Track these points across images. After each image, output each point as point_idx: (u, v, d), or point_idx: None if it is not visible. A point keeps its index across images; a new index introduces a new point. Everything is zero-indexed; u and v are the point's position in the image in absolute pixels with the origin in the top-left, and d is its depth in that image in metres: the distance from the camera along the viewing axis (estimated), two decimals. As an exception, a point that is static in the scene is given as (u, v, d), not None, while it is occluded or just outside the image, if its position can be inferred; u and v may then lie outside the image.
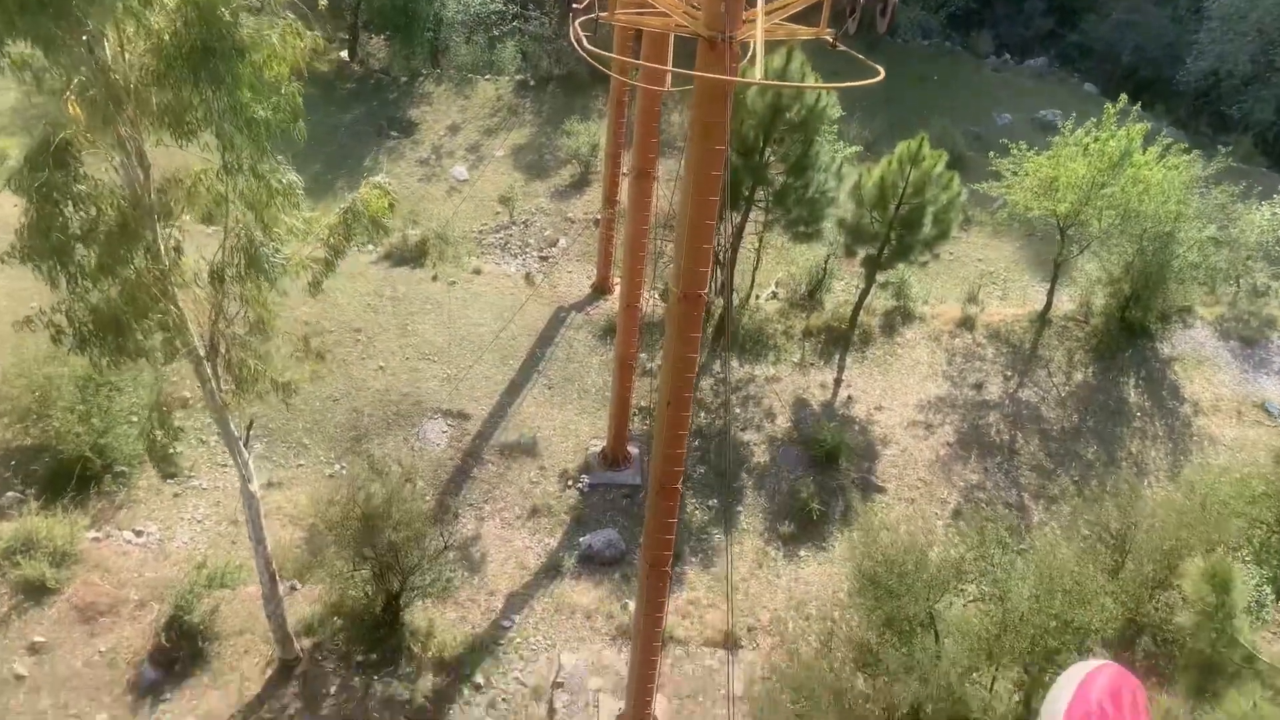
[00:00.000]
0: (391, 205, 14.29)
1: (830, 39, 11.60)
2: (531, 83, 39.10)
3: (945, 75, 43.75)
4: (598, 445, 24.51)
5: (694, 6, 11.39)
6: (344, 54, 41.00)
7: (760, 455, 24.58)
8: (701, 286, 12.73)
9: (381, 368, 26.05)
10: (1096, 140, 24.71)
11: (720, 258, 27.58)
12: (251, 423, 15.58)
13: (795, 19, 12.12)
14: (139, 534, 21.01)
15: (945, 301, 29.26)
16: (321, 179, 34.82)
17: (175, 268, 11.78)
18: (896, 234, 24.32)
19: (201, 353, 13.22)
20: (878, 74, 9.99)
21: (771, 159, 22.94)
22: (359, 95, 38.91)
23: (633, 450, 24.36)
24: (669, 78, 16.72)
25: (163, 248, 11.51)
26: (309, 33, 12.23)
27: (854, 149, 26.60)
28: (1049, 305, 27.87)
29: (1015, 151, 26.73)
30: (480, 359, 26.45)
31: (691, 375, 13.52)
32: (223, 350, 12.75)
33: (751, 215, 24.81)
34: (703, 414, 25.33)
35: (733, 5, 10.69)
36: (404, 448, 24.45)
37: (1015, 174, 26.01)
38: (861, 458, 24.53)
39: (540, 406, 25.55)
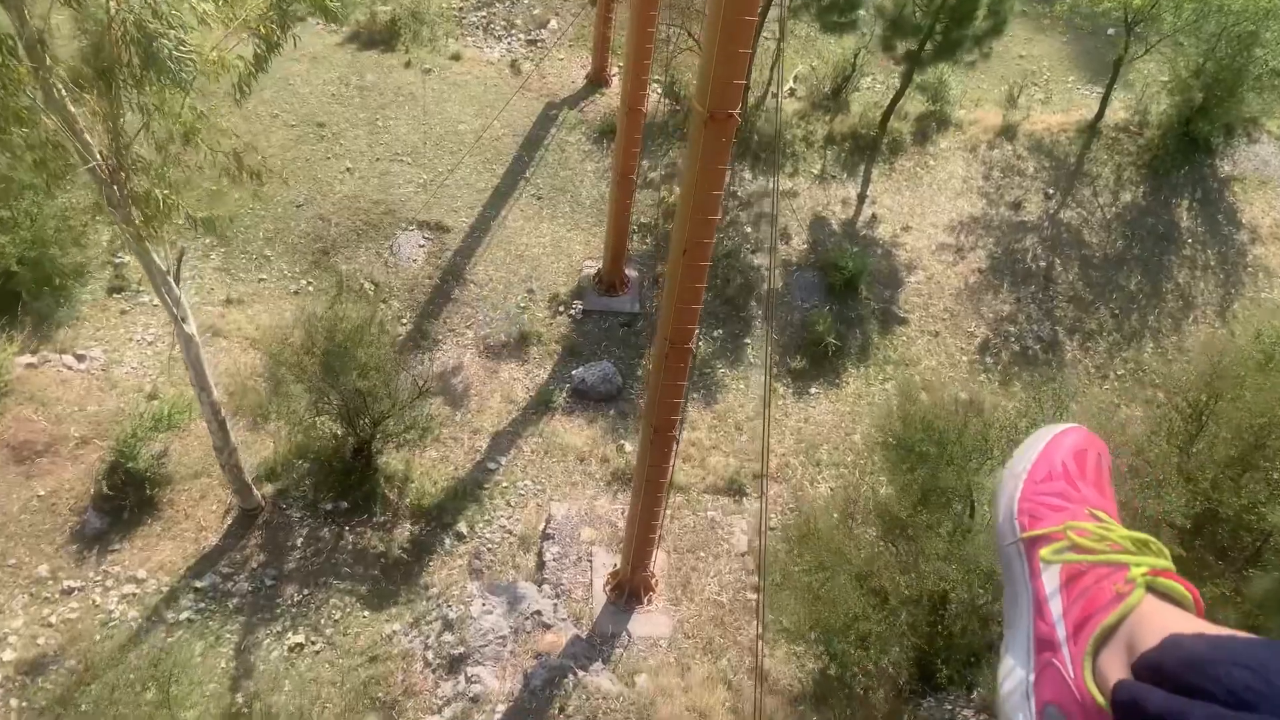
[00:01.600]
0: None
1: None
2: None
3: None
4: (592, 267, 22.04)
5: None
6: None
7: (772, 281, 22.21)
8: (734, 104, 9.93)
9: (349, 169, 23.10)
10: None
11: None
12: (183, 254, 12.99)
13: None
14: (80, 359, 18.82)
15: (981, 104, 26.00)
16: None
17: (43, 66, 8.88)
18: (943, 26, 20.90)
19: (105, 174, 10.49)
20: None
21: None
22: None
23: (631, 274, 21.94)
24: None
25: (18, 40, 8.57)
26: None
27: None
28: (1101, 113, 24.73)
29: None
30: (460, 162, 23.46)
31: (715, 216, 10.95)
32: (124, 177, 10.03)
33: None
34: (709, 231, 22.71)
35: None
36: (376, 263, 21.96)
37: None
38: (884, 285, 22.20)
39: (528, 220, 22.86)
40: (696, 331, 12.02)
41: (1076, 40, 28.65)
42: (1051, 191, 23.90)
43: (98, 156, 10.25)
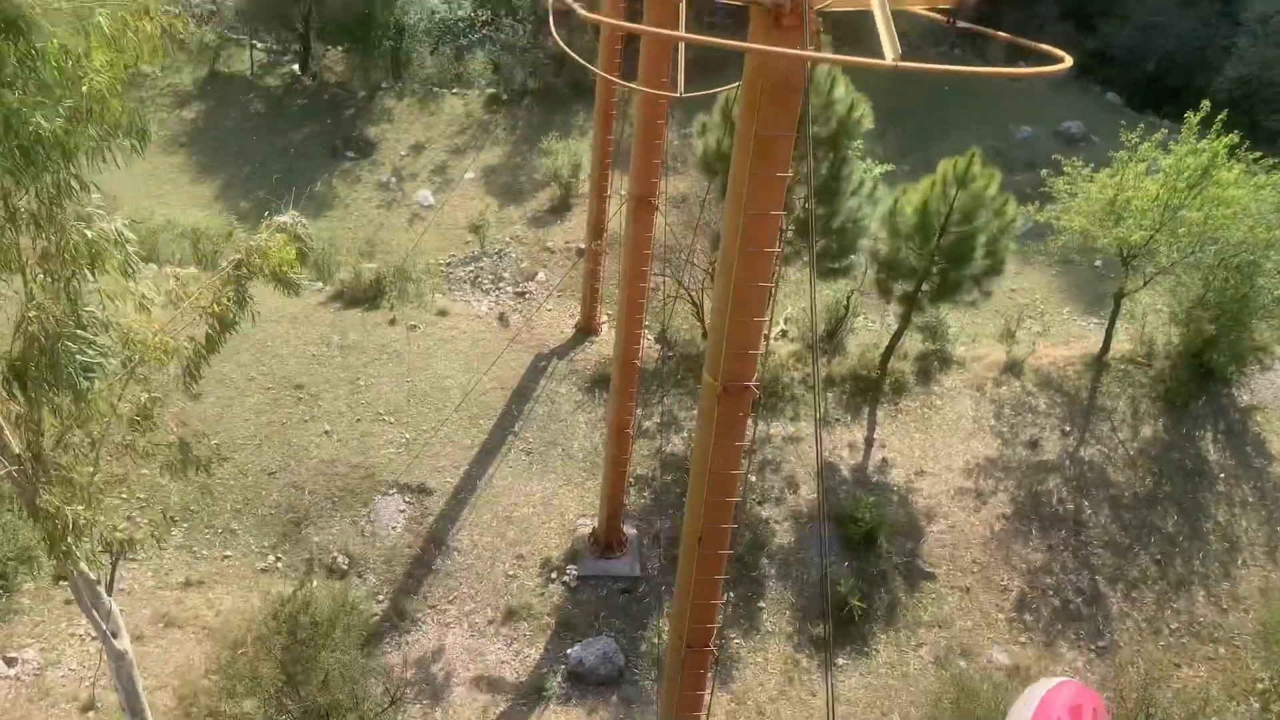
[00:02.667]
0: (302, 254, 10.21)
1: (944, 15, 7.70)
2: (504, 97, 35.06)
3: (956, 85, 40.11)
4: (586, 525, 20.36)
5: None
6: (295, 68, 36.83)
7: (783, 535, 20.50)
8: (749, 375, 8.71)
9: (327, 432, 21.81)
10: (1172, 154, 20.94)
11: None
12: (121, 556, 11.28)
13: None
14: (11, 662, 16.64)
15: (979, 340, 25.36)
16: (266, 206, 30.67)
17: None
18: (939, 268, 20.41)
19: (22, 480, 9.01)
20: (1060, 60, 6.12)
21: (792, 180, 18.94)
22: (312, 112, 34.76)
23: (629, 532, 20.23)
24: (680, 79, 12.72)
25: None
26: (163, 9, 8.12)
27: (884, 167, 22.68)
28: (1106, 346, 24.02)
29: (1070, 169, 22.91)
30: (445, 420, 22.25)
31: (733, 498, 9.46)
32: (41, 480, 8.57)
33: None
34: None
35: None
36: (351, 532, 20.23)
37: (1072, 196, 22.11)
38: (904, 537, 20.51)
39: (517, 477, 21.37)
40: (716, 630, 10.23)
41: (1067, 272, 28.54)
42: (1068, 428, 22.73)
43: (15, 458, 8.82)
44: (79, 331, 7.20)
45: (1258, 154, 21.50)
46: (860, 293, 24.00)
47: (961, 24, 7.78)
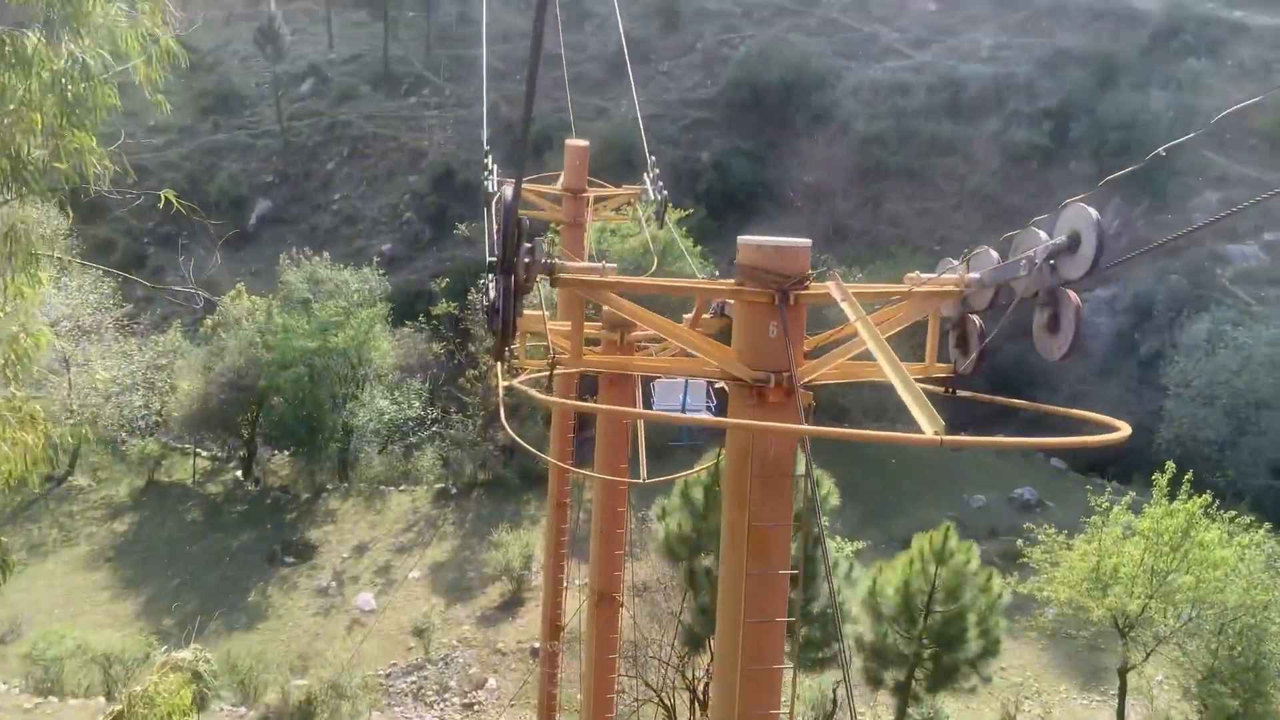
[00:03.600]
0: (201, 697, 8.36)
1: (945, 383, 6.96)
2: (453, 490, 34.39)
3: (901, 457, 40.65)
4: None
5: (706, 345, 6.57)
6: (239, 473, 36.14)
7: None
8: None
9: None
10: (1147, 517, 20.29)
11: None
12: None
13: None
14: None
15: (981, 730, 22.96)
16: (194, 621, 28.29)
17: None
18: (931, 652, 18.65)
19: None
20: (1118, 429, 5.20)
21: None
22: (252, 517, 33.50)
23: None
24: (642, 461, 11.81)
25: None
26: (40, 424, 7.03)
27: (855, 545, 21.63)
28: (1120, 731, 21.77)
29: (1045, 537, 22.08)
30: None
31: None
32: None
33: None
34: None
35: (793, 327, 6.04)
36: None
37: (1055, 565, 21.03)
38: None
39: None
40: None
41: (1055, 646, 26.77)
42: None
43: None
44: None
45: (1232, 513, 20.98)
46: (840, 684, 21.83)
47: (962, 392, 7.00)
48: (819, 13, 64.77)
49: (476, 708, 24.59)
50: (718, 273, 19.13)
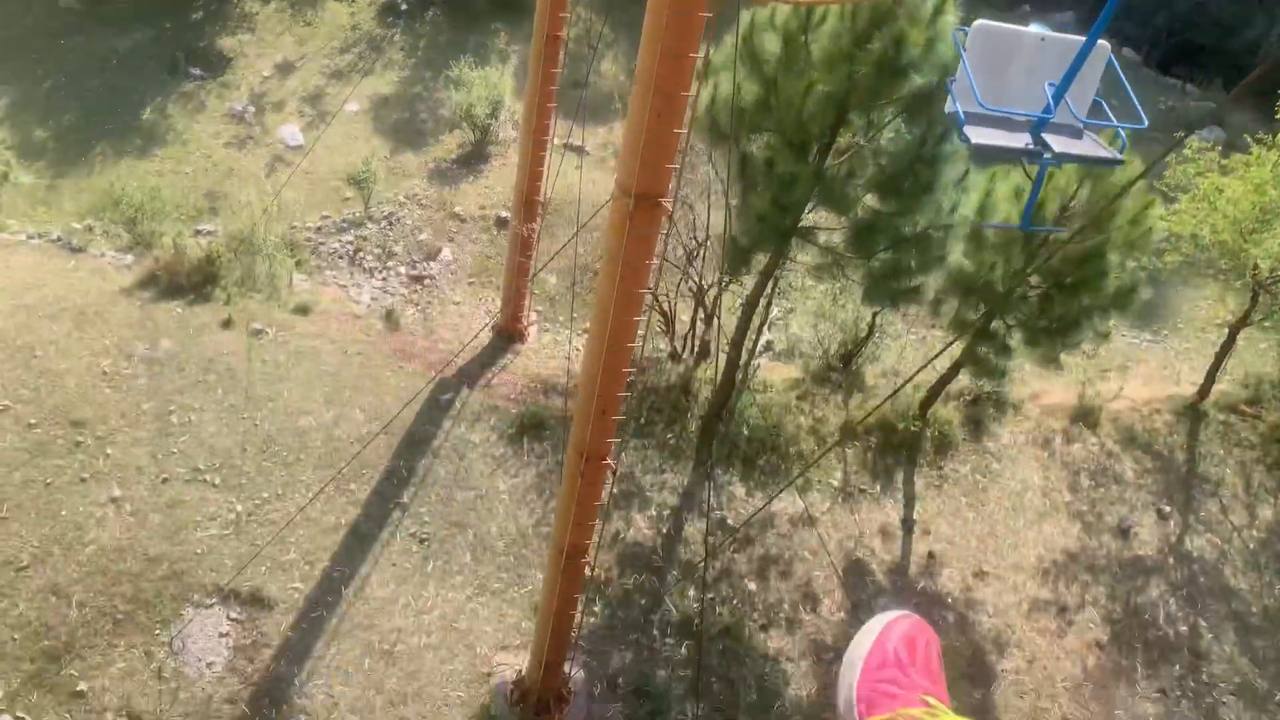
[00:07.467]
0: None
1: None
2: (404, 6, 26.99)
3: (955, 30, 33.63)
4: (509, 670, 13.46)
5: None
6: (127, -51, 27.91)
7: (798, 681, 13.98)
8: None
9: (115, 500, 14.28)
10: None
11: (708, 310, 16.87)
12: None
13: None
14: None
15: (1029, 371, 19.17)
16: (74, 137, 22.38)
17: None
18: (1037, 293, 13.93)
19: None
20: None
21: (842, 159, 11.96)
22: (145, 12, 26.13)
23: (577, 675, 13.42)
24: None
25: None
26: None
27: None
28: (1207, 388, 18.11)
29: (1191, 153, 16.60)
30: (297, 483, 14.96)
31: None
32: None
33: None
34: (693, 592, 14.52)
35: None
36: (145, 672, 12.94)
37: (1219, 192, 15.66)
38: (970, 682, 14.26)
39: (403, 582, 14.28)
40: None
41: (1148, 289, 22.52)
42: (1165, 507, 16.77)
43: None
44: None
45: None
46: (889, 313, 17.40)
47: None
48: None
49: (428, 282, 20.01)
50: None
